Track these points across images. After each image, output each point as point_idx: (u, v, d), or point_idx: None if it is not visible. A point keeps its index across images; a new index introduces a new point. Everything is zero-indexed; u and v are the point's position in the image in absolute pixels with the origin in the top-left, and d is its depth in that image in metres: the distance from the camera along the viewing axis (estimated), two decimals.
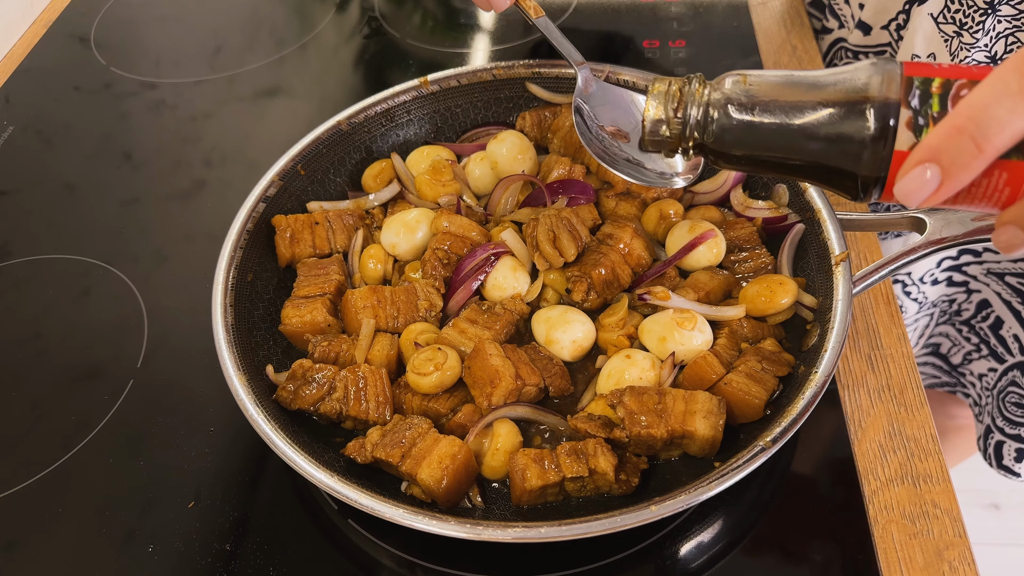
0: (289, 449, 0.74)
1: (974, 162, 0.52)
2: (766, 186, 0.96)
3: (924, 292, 1.26)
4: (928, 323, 1.33)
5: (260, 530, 0.81)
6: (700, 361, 0.81)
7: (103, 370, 0.96)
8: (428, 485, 0.74)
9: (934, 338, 1.36)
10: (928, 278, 1.25)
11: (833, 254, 0.84)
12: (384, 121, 1.06)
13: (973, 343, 1.28)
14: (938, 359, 1.38)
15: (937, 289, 1.27)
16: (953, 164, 0.52)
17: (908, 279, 1.25)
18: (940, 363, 1.38)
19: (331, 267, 0.94)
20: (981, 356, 1.28)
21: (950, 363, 1.36)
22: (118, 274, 1.06)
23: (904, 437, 0.84)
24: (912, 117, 0.54)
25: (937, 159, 0.52)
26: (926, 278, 1.25)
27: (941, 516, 0.78)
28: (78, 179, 1.21)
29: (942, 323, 1.33)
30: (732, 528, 0.79)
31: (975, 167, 0.52)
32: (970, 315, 1.26)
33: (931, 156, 0.52)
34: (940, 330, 1.34)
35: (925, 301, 1.28)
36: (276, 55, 1.39)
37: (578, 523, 0.67)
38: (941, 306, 1.30)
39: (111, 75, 1.38)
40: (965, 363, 1.32)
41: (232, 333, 0.84)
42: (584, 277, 0.89)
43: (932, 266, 1.23)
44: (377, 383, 0.82)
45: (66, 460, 0.88)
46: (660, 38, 1.31)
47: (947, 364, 1.37)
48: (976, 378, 1.30)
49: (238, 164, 1.21)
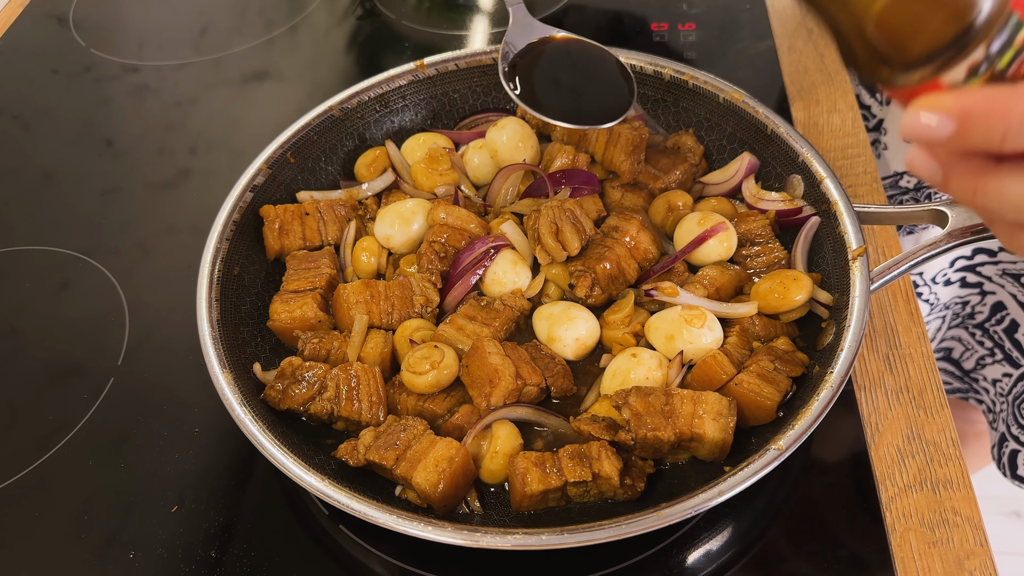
0: (277, 451, 0.74)
1: (988, 149, 0.51)
2: (780, 177, 0.96)
3: (936, 293, 1.26)
4: (940, 326, 1.33)
5: (247, 536, 0.81)
6: (709, 360, 0.81)
7: (82, 368, 0.96)
8: (424, 489, 0.74)
9: (946, 342, 1.36)
10: (941, 278, 1.24)
11: (850, 248, 0.83)
12: (378, 107, 1.06)
13: (987, 347, 1.28)
14: (950, 364, 1.38)
15: (950, 290, 1.26)
16: (970, 139, 0.51)
17: (920, 279, 1.25)
18: (952, 368, 1.38)
19: (322, 260, 0.94)
20: (995, 361, 1.27)
21: (962, 368, 1.36)
22: (98, 267, 1.06)
23: (923, 441, 0.84)
24: (979, 59, 0.51)
25: (965, 122, 0.50)
26: (939, 278, 1.24)
27: (962, 524, 0.78)
28: (56, 167, 1.21)
29: (955, 326, 1.32)
30: (742, 536, 0.79)
31: (987, 152, 0.51)
32: (984, 318, 1.26)
33: (962, 117, 0.50)
34: (952, 333, 1.34)
35: (937, 303, 1.28)
36: (265, 37, 1.38)
37: (581, 530, 0.67)
38: (954, 308, 1.30)
39: (91, 57, 1.38)
40: (978, 368, 1.32)
41: (218, 329, 0.84)
42: (588, 272, 0.89)
43: (945, 266, 1.23)
44: (370, 382, 0.82)
45: (43, 462, 0.88)
46: (669, 20, 1.31)
47: (959, 369, 1.36)
48: (990, 384, 1.30)
49: (224, 152, 1.21)
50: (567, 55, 0.88)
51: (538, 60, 0.87)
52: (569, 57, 0.88)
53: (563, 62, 0.88)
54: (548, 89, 0.86)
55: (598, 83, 0.88)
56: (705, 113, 1.02)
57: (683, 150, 1.01)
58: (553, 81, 0.87)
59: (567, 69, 0.88)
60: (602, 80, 0.88)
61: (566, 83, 0.87)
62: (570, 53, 0.88)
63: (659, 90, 1.03)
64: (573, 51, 0.88)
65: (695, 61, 1.25)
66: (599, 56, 0.89)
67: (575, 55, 0.88)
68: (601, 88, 0.88)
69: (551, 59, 0.88)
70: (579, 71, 0.88)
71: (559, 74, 0.88)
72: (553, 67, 0.88)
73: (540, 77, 0.86)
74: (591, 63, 0.89)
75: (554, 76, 0.88)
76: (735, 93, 0.98)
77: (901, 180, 1.17)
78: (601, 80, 0.88)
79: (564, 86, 0.87)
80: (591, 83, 0.88)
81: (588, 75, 0.88)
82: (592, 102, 0.87)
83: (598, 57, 0.89)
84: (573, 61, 0.88)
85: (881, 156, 1.18)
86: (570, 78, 0.88)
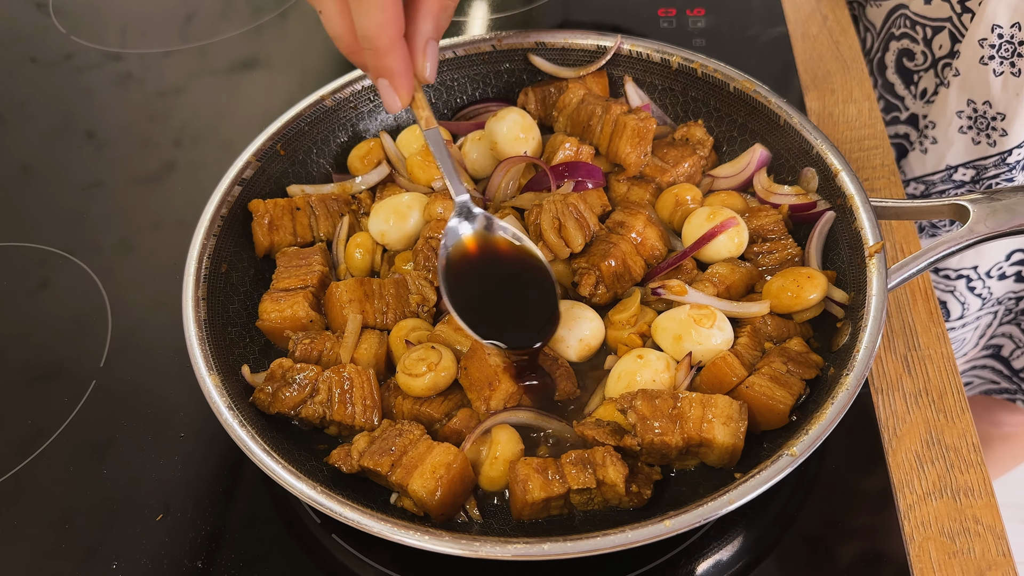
0: (267, 457, 0.74)
1: None
2: (793, 170, 0.96)
3: (989, 287, 1.26)
4: (991, 322, 1.33)
5: (235, 546, 0.81)
6: (719, 362, 0.81)
7: (62, 370, 0.96)
8: (420, 497, 0.74)
9: (996, 339, 1.36)
10: (995, 272, 1.24)
11: (867, 245, 0.83)
12: (372, 96, 1.06)
13: None
14: (998, 362, 1.38)
15: (1004, 284, 1.26)
16: None
17: (973, 273, 1.25)
18: (1000, 367, 1.38)
19: (313, 257, 0.94)
20: None
21: (1011, 367, 1.36)
22: (79, 264, 1.06)
23: (943, 446, 0.84)
24: None
25: None
26: (993, 272, 1.24)
27: (983, 533, 0.78)
28: (35, 160, 1.21)
29: (1006, 322, 1.32)
30: (753, 545, 0.79)
31: None
32: None
33: None
34: (1003, 330, 1.34)
35: (990, 297, 1.28)
36: (253, 23, 1.38)
37: (585, 539, 0.67)
38: (1007, 303, 1.30)
39: (72, 45, 1.38)
40: None
41: (205, 329, 0.84)
42: (592, 269, 0.89)
43: (1001, 259, 1.22)
44: (364, 385, 0.82)
45: (21, 469, 0.88)
46: (677, 6, 1.31)
47: (1008, 368, 1.36)
48: None
49: (211, 144, 1.21)
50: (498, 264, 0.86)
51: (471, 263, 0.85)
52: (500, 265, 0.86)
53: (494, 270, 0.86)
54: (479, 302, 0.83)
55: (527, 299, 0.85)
56: (715, 103, 1.02)
57: (692, 142, 1.01)
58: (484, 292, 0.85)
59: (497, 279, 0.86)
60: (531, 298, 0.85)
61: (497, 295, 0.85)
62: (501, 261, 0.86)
63: (666, 79, 1.03)
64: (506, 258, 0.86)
65: (704, 48, 1.25)
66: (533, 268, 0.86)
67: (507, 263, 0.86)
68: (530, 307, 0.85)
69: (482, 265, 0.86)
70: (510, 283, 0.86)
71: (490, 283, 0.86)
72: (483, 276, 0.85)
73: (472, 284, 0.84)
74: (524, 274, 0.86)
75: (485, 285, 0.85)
76: (746, 82, 0.98)
77: (955, 174, 1.17)
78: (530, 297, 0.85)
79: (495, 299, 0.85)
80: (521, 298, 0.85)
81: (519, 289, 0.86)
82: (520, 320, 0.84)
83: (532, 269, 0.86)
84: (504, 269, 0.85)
85: (928, 151, 1.18)
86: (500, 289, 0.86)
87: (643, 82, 1.05)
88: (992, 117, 1.08)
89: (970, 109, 1.10)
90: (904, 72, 1.21)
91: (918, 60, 1.18)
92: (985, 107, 1.08)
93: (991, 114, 1.08)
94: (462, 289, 0.83)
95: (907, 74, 1.21)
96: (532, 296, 0.84)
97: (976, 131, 1.11)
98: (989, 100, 1.07)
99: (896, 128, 1.27)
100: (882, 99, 1.26)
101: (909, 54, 1.19)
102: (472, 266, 0.85)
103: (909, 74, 1.21)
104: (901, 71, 1.22)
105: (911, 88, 1.21)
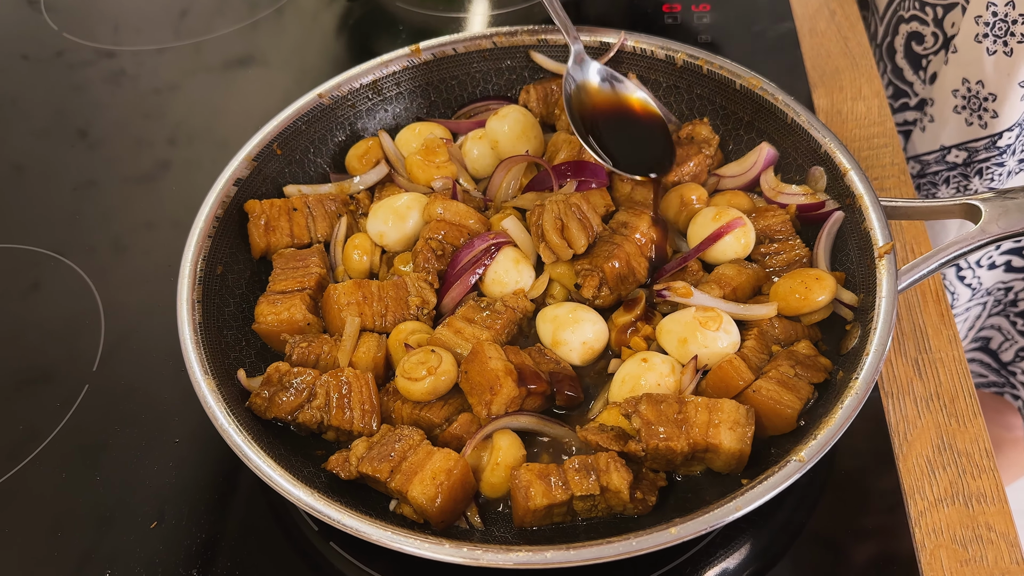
0: (263, 463, 0.74)
1: None
2: (801, 169, 0.96)
3: (979, 277, 1.27)
4: (980, 313, 1.33)
5: (231, 554, 0.81)
6: (726, 366, 0.81)
7: (55, 373, 0.96)
8: (420, 503, 0.74)
9: (984, 331, 1.36)
10: (985, 261, 1.25)
11: (876, 245, 0.83)
12: (371, 95, 1.06)
13: None
14: (987, 355, 1.38)
15: (994, 274, 1.27)
16: None
17: (963, 262, 1.25)
18: (988, 360, 1.38)
19: (311, 259, 0.94)
20: None
21: (1000, 360, 1.36)
22: (72, 266, 1.06)
23: (955, 452, 0.84)
24: None
25: None
26: (983, 261, 1.25)
27: (996, 540, 0.78)
28: (27, 159, 1.21)
29: (995, 314, 1.33)
30: (761, 553, 0.79)
31: None
32: None
33: None
34: (992, 322, 1.34)
35: (979, 287, 1.28)
36: (249, 20, 1.38)
37: (589, 547, 0.67)
38: (996, 294, 1.30)
39: (64, 42, 1.38)
40: (1017, 360, 1.32)
41: (200, 332, 0.84)
42: (595, 271, 0.89)
43: (991, 248, 1.23)
44: (362, 389, 0.82)
45: (12, 475, 0.88)
46: (683, 1, 1.31)
47: (996, 361, 1.37)
48: None
49: (206, 143, 1.21)
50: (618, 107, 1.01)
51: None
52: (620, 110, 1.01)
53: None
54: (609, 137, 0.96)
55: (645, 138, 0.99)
56: (721, 100, 1.02)
57: (697, 140, 1.01)
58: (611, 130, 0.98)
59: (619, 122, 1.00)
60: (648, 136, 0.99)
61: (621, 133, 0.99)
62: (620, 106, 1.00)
63: (671, 76, 1.03)
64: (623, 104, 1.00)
65: (710, 45, 1.25)
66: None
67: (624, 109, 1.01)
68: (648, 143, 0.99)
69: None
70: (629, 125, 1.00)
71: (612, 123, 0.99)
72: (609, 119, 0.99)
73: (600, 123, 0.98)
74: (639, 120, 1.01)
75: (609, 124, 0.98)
76: (753, 79, 0.98)
77: (948, 155, 1.17)
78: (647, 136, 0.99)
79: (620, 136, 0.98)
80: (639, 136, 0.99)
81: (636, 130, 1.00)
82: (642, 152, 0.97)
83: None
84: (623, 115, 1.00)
85: (926, 129, 1.18)
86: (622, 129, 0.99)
87: (647, 79, 1.05)
88: (984, 97, 1.08)
89: (964, 88, 1.10)
90: (913, 57, 1.22)
91: (928, 43, 1.18)
92: (978, 87, 1.08)
93: (983, 94, 1.08)
94: (586, 124, 0.96)
95: (916, 59, 1.21)
96: (646, 134, 0.98)
97: (969, 111, 1.11)
98: (982, 80, 1.08)
99: (905, 115, 1.27)
100: (891, 86, 1.26)
101: (918, 37, 1.19)
102: (593, 105, 0.98)
103: (918, 59, 1.21)
104: (910, 56, 1.22)
105: (920, 73, 1.21)
